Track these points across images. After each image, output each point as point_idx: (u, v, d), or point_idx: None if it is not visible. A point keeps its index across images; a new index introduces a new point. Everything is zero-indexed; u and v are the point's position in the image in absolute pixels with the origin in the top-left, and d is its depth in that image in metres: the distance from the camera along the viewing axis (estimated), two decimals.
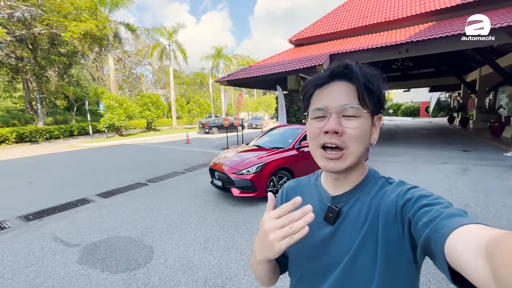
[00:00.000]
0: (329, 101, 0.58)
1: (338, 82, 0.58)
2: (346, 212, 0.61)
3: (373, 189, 0.61)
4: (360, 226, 0.58)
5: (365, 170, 0.64)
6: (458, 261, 0.36)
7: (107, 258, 2.93)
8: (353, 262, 0.56)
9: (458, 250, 0.36)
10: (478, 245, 0.34)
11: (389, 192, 0.58)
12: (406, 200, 0.52)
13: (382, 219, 0.55)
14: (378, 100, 0.59)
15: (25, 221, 4.11)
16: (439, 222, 0.42)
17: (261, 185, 4.40)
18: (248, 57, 57.27)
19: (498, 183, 5.05)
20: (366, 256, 0.55)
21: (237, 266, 2.69)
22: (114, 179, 6.54)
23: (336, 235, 0.60)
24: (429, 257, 0.46)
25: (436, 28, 8.64)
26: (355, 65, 0.58)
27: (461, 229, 0.38)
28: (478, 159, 7.28)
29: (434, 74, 19.61)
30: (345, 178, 0.62)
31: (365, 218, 0.58)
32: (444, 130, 16.68)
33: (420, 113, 33.11)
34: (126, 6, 20.34)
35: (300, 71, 9.14)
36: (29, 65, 19.40)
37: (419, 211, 0.48)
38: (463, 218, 0.41)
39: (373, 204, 0.58)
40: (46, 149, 14.05)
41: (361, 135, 0.57)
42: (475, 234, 0.36)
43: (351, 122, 0.56)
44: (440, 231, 0.40)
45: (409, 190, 0.54)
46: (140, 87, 39.25)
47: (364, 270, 0.55)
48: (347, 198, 0.62)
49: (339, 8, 14.19)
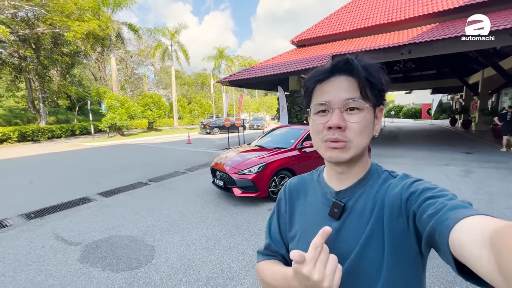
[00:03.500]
0: (331, 96, 0.58)
1: (339, 77, 0.58)
2: (351, 207, 0.60)
3: (377, 183, 0.61)
4: (366, 221, 0.57)
5: (368, 164, 0.64)
6: (463, 252, 0.36)
7: (108, 257, 2.92)
8: (360, 257, 0.56)
9: (462, 241, 0.36)
10: (482, 235, 0.34)
11: (393, 185, 0.58)
12: (411, 193, 0.52)
13: (387, 213, 0.55)
14: (380, 93, 0.59)
15: (26, 219, 4.11)
16: (443, 214, 0.42)
17: (262, 185, 4.39)
18: (250, 58, 57.31)
19: (502, 185, 5.01)
20: (373, 250, 0.55)
21: (238, 266, 2.68)
22: (116, 179, 6.54)
23: (342, 230, 0.60)
24: (434, 249, 0.46)
25: (439, 29, 8.63)
26: (356, 59, 0.58)
27: (466, 220, 0.38)
28: (481, 161, 7.23)
29: (436, 76, 19.55)
30: (349, 171, 0.62)
31: (370, 212, 0.57)
32: (446, 132, 16.62)
33: (422, 115, 33.01)
34: (129, 6, 20.47)
35: (302, 72, 9.15)
36: (32, 64, 19.52)
37: (423, 203, 0.47)
38: (468, 210, 0.41)
39: (378, 198, 0.58)
40: (48, 148, 14.09)
41: (364, 129, 0.57)
42: (480, 225, 0.36)
43: (354, 116, 0.56)
44: (445, 222, 0.40)
45: (414, 183, 0.54)
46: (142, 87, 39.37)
47: (371, 265, 0.55)
48: (351, 192, 0.62)
49: (341, 9, 14.20)
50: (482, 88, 16.30)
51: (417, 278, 0.56)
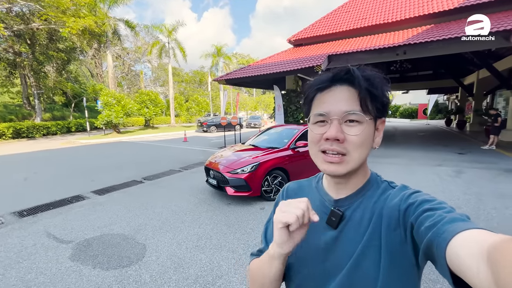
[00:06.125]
0: (330, 106, 0.56)
1: (340, 87, 0.57)
2: (349, 216, 0.60)
3: (376, 193, 0.60)
4: (363, 231, 0.57)
5: (367, 174, 0.63)
6: (460, 266, 0.36)
7: (99, 255, 2.94)
8: (356, 267, 0.55)
9: (459, 255, 0.36)
10: (480, 250, 0.34)
11: (392, 196, 0.57)
12: (409, 204, 0.52)
13: (385, 224, 0.54)
14: (381, 105, 0.57)
15: (19, 217, 4.11)
16: (441, 226, 0.42)
17: (255, 185, 4.42)
18: (248, 56, 57.14)
19: (491, 186, 5.10)
20: (369, 261, 0.54)
21: (228, 265, 2.71)
22: (110, 176, 6.54)
23: (339, 239, 0.59)
24: (431, 261, 0.46)
25: (434, 31, 8.69)
26: (357, 69, 0.56)
27: (463, 234, 0.38)
28: (472, 161, 7.34)
29: (433, 76, 19.70)
30: (346, 182, 0.61)
31: (368, 222, 0.57)
32: (441, 132, 16.77)
33: (418, 115, 33.23)
34: (126, 3, 20.26)
35: (299, 71, 9.16)
36: (27, 60, 19.29)
37: (421, 215, 0.47)
38: (466, 223, 0.41)
39: (376, 208, 0.57)
40: (42, 145, 14.00)
41: (363, 142, 0.56)
42: (477, 239, 0.36)
43: (353, 129, 0.55)
44: (442, 235, 0.40)
45: (412, 195, 0.54)
46: (139, 84, 39.11)
47: (367, 275, 0.54)
48: (350, 201, 0.61)
49: (338, 9, 14.22)
50: (477, 89, 16.46)
51: None
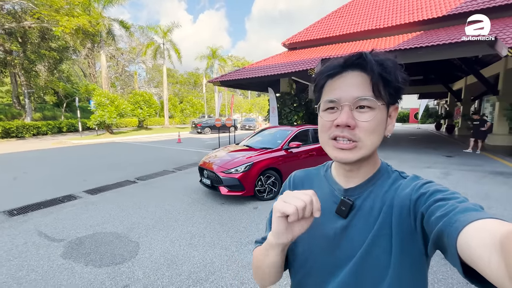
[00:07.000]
0: (341, 92, 0.55)
1: (352, 72, 0.55)
2: (359, 206, 0.59)
3: (386, 183, 0.59)
4: (374, 220, 0.56)
5: (377, 163, 0.63)
6: (471, 255, 0.35)
7: (91, 253, 2.94)
8: (366, 256, 0.55)
9: (471, 244, 0.36)
10: (492, 239, 0.34)
11: (403, 186, 0.56)
12: (420, 194, 0.51)
13: (395, 213, 0.54)
14: (394, 91, 0.56)
15: (8, 216, 4.06)
16: (452, 216, 0.41)
17: (249, 184, 4.48)
18: (243, 58, 57.37)
19: (476, 188, 5.29)
20: (380, 249, 0.54)
21: (220, 261, 2.76)
22: (103, 177, 6.49)
23: (349, 229, 0.58)
24: (441, 250, 0.46)
25: (424, 37, 8.97)
26: (370, 54, 0.55)
27: (475, 224, 0.37)
28: (460, 164, 7.57)
29: (423, 81, 20.18)
30: (357, 170, 0.60)
31: (378, 212, 0.56)
32: (431, 136, 17.18)
33: (410, 119, 34.01)
34: (121, 3, 20.17)
35: (293, 74, 9.31)
36: (18, 59, 18.96)
37: (433, 205, 0.47)
38: (478, 213, 0.40)
39: (387, 197, 0.57)
40: (33, 145, 13.74)
41: (375, 128, 0.55)
42: (490, 228, 0.35)
43: (365, 115, 0.54)
44: (454, 225, 0.39)
45: (424, 185, 0.53)
46: (133, 85, 38.80)
47: (377, 264, 0.54)
48: (360, 191, 0.60)
49: (332, 14, 14.52)
50: (465, 95, 16.97)
51: (422, 278, 0.56)
